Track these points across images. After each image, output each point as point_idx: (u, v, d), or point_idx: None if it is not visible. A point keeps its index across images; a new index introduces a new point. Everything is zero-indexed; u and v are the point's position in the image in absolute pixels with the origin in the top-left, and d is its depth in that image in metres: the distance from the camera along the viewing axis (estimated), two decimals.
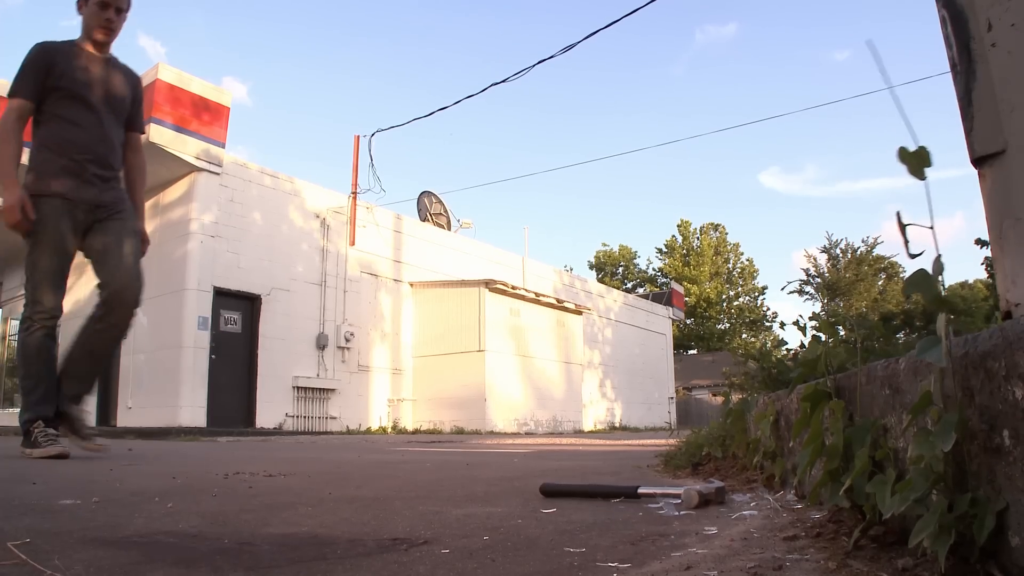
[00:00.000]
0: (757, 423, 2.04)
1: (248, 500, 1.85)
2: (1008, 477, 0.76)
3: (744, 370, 2.81)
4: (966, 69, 1.06)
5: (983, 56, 1.02)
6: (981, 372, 0.80)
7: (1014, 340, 0.73)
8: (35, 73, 3.54)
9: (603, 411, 21.94)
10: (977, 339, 0.80)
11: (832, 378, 1.33)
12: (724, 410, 2.59)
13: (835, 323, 1.76)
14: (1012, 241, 0.93)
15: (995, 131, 1.00)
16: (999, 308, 0.95)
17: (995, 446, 0.78)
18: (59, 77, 3.53)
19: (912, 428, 0.97)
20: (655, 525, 1.37)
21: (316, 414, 15.22)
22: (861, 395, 1.19)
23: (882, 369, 1.11)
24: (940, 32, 1.20)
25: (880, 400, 1.13)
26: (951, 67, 1.13)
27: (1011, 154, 0.97)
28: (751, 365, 2.78)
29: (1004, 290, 0.92)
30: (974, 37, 1.04)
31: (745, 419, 2.35)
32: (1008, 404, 0.75)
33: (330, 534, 1.31)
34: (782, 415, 1.87)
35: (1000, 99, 0.99)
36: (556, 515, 1.55)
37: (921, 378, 0.95)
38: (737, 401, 2.57)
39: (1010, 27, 1.00)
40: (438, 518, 1.54)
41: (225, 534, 1.31)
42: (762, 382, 2.40)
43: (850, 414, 1.22)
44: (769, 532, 1.21)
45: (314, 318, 14.94)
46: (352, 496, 2.04)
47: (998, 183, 0.98)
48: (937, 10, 1.19)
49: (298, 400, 14.83)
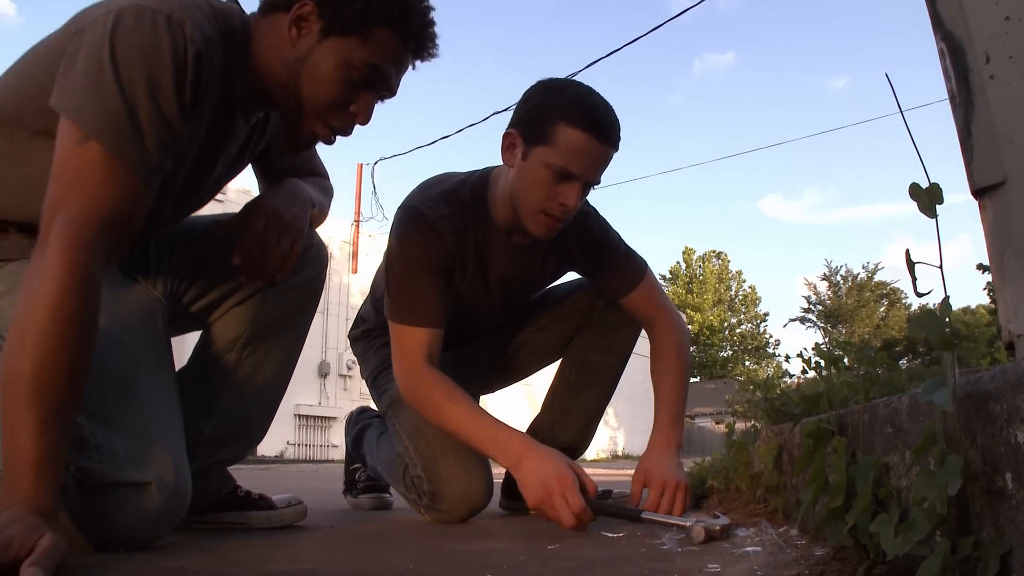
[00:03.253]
0: (760, 456, 2.02)
1: (250, 533, 1.83)
2: (1011, 520, 0.76)
3: (747, 398, 2.79)
4: (965, 101, 1.06)
5: (981, 88, 1.03)
6: (983, 414, 0.79)
7: (1015, 384, 0.73)
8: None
9: (606, 440, 21.86)
10: (979, 380, 0.80)
11: (835, 414, 1.33)
12: (727, 442, 2.57)
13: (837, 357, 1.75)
14: (1013, 272, 0.93)
15: (995, 162, 1.00)
16: (1001, 338, 0.94)
17: (998, 489, 0.78)
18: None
19: (915, 468, 0.96)
20: (658, 562, 1.35)
21: (318, 442, 15.19)
22: (863, 432, 1.18)
23: (884, 407, 1.10)
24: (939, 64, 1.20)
25: (882, 438, 1.12)
26: (950, 99, 1.13)
27: (1011, 185, 0.97)
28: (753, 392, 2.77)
29: (1006, 321, 0.92)
30: (972, 69, 1.05)
31: (748, 451, 2.33)
32: (1010, 447, 0.75)
33: (333, 572, 1.29)
34: (785, 449, 1.85)
35: (999, 131, 1.00)
36: (559, 551, 1.54)
37: (923, 417, 0.94)
38: (740, 433, 2.55)
39: (1008, 59, 1.01)
40: (441, 554, 1.52)
41: (225, 572, 1.29)
42: (765, 412, 2.38)
43: (852, 451, 1.21)
44: (773, 570, 1.20)
45: (316, 346, 14.96)
46: (354, 531, 2.02)
47: (998, 214, 0.98)
48: (936, 43, 1.20)
49: (299, 428, 14.81)
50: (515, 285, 2.31)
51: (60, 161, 1.23)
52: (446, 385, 2.01)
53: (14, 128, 1.41)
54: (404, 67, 1.55)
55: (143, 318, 1.68)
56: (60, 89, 1.27)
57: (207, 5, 1.39)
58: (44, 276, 1.17)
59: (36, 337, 1.15)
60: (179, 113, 1.30)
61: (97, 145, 1.22)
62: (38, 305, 1.16)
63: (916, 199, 0.89)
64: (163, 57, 1.26)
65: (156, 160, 1.29)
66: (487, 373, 2.61)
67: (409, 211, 2.08)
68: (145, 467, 1.37)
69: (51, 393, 1.14)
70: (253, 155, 1.78)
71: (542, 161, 1.91)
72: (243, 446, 1.98)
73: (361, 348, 2.65)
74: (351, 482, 2.81)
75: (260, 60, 1.49)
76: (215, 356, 1.89)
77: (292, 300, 1.93)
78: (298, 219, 1.71)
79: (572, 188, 1.91)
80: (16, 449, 1.12)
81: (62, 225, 1.19)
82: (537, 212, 1.96)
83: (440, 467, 2.08)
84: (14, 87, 1.42)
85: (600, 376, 2.50)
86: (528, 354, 2.60)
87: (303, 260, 1.86)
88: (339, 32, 1.43)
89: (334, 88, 1.46)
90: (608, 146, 1.94)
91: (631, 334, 2.45)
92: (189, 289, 1.84)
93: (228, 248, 1.67)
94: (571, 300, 2.50)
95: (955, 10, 1.08)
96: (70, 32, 1.32)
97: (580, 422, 2.51)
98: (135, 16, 1.26)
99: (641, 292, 2.28)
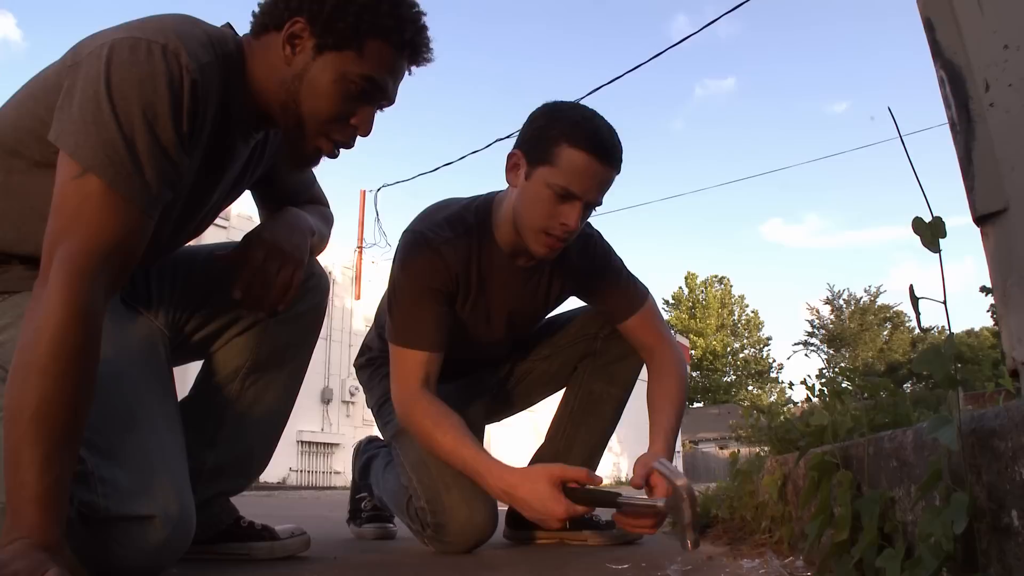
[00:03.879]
0: (765, 487, 2.00)
1: (253, 564, 1.83)
2: (1018, 558, 0.75)
3: (750, 422, 2.77)
4: (965, 129, 1.06)
5: (982, 116, 1.03)
6: (988, 451, 0.78)
7: (1020, 421, 0.72)
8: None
9: (609, 465, 21.75)
10: (983, 417, 0.79)
11: (839, 447, 1.31)
12: (731, 470, 2.55)
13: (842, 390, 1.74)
14: (1016, 299, 0.93)
15: (996, 190, 0.99)
16: (1005, 364, 0.93)
17: (1004, 526, 0.77)
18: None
19: (921, 503, 0.95)
20: None
21: (320, 469, 15.13)
22: (868, 465, 1.17)
23: (889, 441, 1.09)
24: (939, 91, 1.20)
25: (888, 471, 1.11)
26: (951, 127, 1.13)
27: (1013, 213, 0.97)
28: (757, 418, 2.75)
29: (1010, 348, 0.91)
30: (972, 97, 1.05)
31: (753, 481, 2.31)
32: (1016, 484, 0.74)
33: None
34: (789, 479, 1.84)
35: (1000, 158, 0.99)
36: None
37: (928, 452, 0.93)
38: (744, 462, 2.53)
39: (1007, 87, 1.01)
40: None
41: None
42: (769, 441, 2.36)
43: (858, 484, 1.19)
44: None
45: (319, 372, 14.93)
46: (358, 562, 2.01)
47: (1001, 242, 0.97)
48: (935, 71, 1.20)
49: (302, 455, 14.75)
50: (518, 311, 2.30)
51: (59, 195, 1.24)
52: (436, 411, 2.03)
53: (13, 159, 1.41)
54: (401, 75, 1.55)
55: (145, 349, 1.67)
56: (58, 123, 1.27)
57: (202, 33, 1.40)
58: (45, 310, 1.17)
59: (38, 372, 1.15)
60: (177, 143, 1.30)
61: (96, 179, 1.22)
62: (39, 340, 1.16)
63: (919, 233, 0.88)
64: (159, 88, 1.26)
65: (155, 191, 1.29)
66: (491, 403, 2.60)
67: (414, 235, 2.10)
68: (149, 500, 1.36)
69: (54, 428, 1.14)
70: (252, 179, 1.78)
71: (544, 181, 1.93)
72: (246, 476, 1.97)
73: (366, 376, 2.64)
74: (356, 511, 2.79)
75: (257, 81, 1.50)
76: (217, 386, 1.88)
77: (294, 329, 1.93)
78: (298, 249, 1.70)
79: (573, 208, 1.93)
80: (20, 484, 1.11)
81: (62, 259, 1.19)
82: (539, 232, 1.98)
83: (444, 499, 2.07)
84: (12, 119, 1.42)
85: (604, 406, 2.48)
86: (532, 383, 2.59)
87: (304, 289, 1.85)
88: (333, 47, 1.43)
89: (333, 103, 1.46)
90: (609, 167, 1.95)
91: (635, 364, 2.44)
92: (190, 319, 1.83)
93: (229, 278, 1.66)
94: (574, 329, 2.49)
95: (954, 38, 1.09)
96: (67, 65, 1.32)
97: (584, 453, 2.49)
98: (130, 47, 1.26)
99: (641, 318, 2.28)
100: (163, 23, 1.34)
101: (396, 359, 2.10)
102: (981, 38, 1.03)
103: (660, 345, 2.30)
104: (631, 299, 2.29)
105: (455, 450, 1.98)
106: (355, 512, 2.79)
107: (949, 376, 0.80)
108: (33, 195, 1.37)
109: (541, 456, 2.51)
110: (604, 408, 2.48)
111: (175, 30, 1.32)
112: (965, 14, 1.08)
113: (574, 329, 2.49)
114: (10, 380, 1.17)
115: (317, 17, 1.41)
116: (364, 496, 2.75)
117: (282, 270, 1.66)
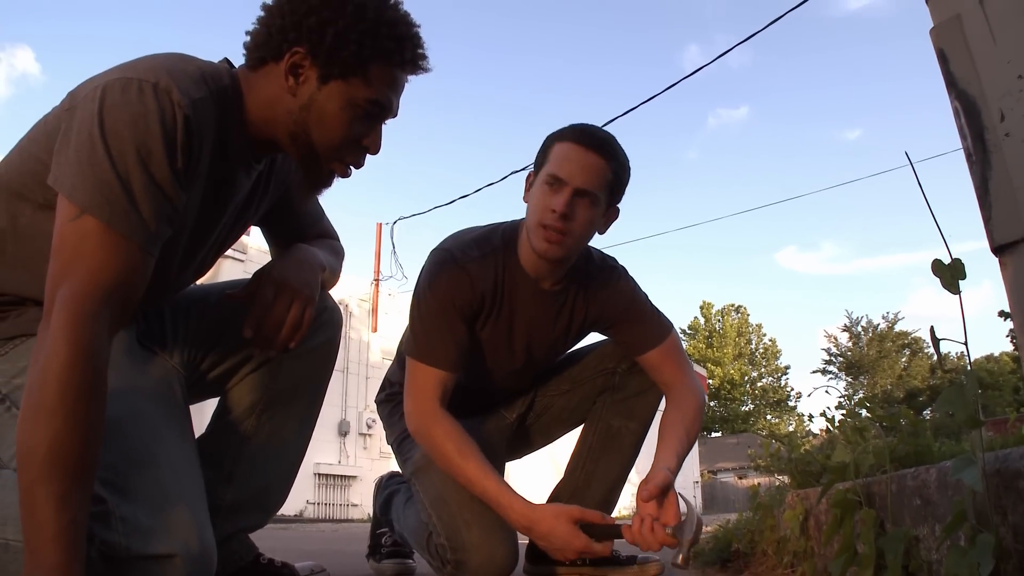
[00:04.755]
0: (786, 521, 1.97)
1: None
2: None
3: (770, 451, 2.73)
4: (981, 159, 1.05)
5: (997, 146, 1.02)
6: (1013, 492, 0.77)
7: None
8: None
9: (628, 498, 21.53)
10: (1008, 457, 0.78)
11: (862, 483, 1.29)
12: (752, 503, 2.52)
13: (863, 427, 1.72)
14: None
15: (1013, 220, 0.99)
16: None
17: None
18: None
19: (946, 542, 0.93)
20: None
21: (337, 501, 15.07)
22: (892, 503, 1.15)
23: (912, 478, 1.08)
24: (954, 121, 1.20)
25: (911, 509, 1.09)
26: (967, 157, 1.13)
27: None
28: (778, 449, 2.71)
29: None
30: (987, 127, 1.04)
31: (774, 515, 2.28)
32: None
33: None
34: (811, 514, 1.81)
35: (1017, 188, 0.99)
36: None
37: (952, 491, 0.92)
38: (765, 495, 2.49)
39: (1022, 117, 1.00)
40: None
41: None
42: (789, 473, 2.33)
43: (881, 521, 1.17)
44: None
45: (336, 404, 14.93)
46: None
47: (1019, 271, 0.97)
48: (950, 102, 1.19)
49: (319, 487, 14.70)
50: (539, 337, 2.29)
51: (59, 237, 1.25)
52: (459, 436, 2.03)
53: (20, 203, 1.43)
54: (403, 88, 1.57)
55: (162, 388, 1.67)
56: (56, 166, 1.28)
57: (195, 69, 1.41)
58: (49, 352, 1.17)
59: (47, 413, 1.15)
60: (173, 179, 1.31)
61: (93, 219, 1.23)
62: (46, 381, 1.16)
63: (939, 275, 0.87)
64: (152, 125, 1.27)
65: (153, 228, 1.30)
66: (512, 439, 2.58)
67: (440, 254, 2.14)
68: (170, 539, 1.35)
69: (67, 467, 1.14)
70: (259, 212, 1.78)
71: (540, 180, 2.03)
72: (264, 512, 1.96)
73: (387, 412, 2.64)
74: (376, 546, 2.77)
75: (258, 112, 1.51)
76: (233, 423, 1.87)
77: (308, 364, 1.92)
78: (307, 286, 1.70)
79: (561, 194, 1.97)
80: (38, 524, 1.11)
81: (64, 300, 1.20)
82: (537, 227, 2.01)
83: (464, 535, 2.05)
84: (17, 163, 1.45)
85: (622, 442, 2.46)
86: (552, 419, 2.57)
87: (317, 324, 1.85)
88: (339, 76, 1.45)
89: (344, 129, 1.48)
90: (590, 150, 2.00)
91: (654, 399, 2.42)
92: (205, 357, 1.83)
93: (240, 316, 1.66)
94: (592, 363, 2.48)
95: (968, 70, 1.08)
96: (64, 109, 1.34)
97: (603, 489, 2.46)
98: (122, 88, 1.28)
99: (662, 352, 2.26)
100: (155, 62, 1.36)
101: (413, 373, 2.11)
102: (995, 68, 1.03)
103: (679, 380, 2.28)
104: (653, 332, 2.28)
105: (479, 480, 1.99)
106: (375, 547, 2.77)
107: (972, 416, 0.79)
108: (40, 237, 1.38)
109: (560, 491, 2.49)
110: (623, 443, 2.46)
111: (166, 68, 1.34)
112: (978, 45, 1.07)
113: (592, 363, 2.48)
114: (20, 422, 1.17)
115: (319, 48, 1.42)
116: (385, 531, 2.73)
117: (292, 308, 1.66)
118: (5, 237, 1.47)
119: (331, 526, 10.96)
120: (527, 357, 2.30)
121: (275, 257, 1.83)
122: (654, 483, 1.87)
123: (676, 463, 2.06)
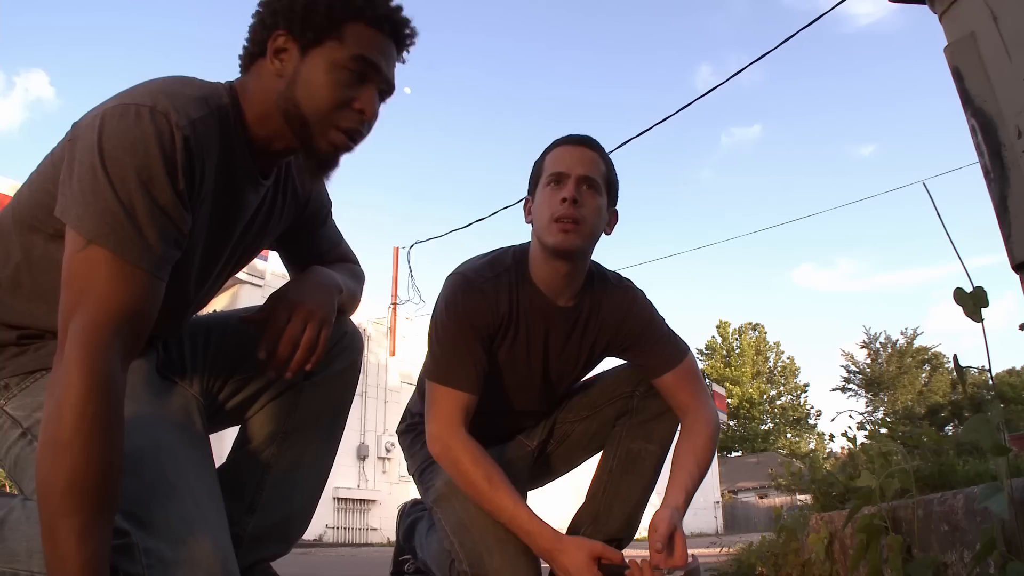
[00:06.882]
0: (811, 545, 1.95)
1: None
2: None
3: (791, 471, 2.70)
4: (999, 176, 1.05)
5: (1015, 163, 1.01)
6: None
7: None
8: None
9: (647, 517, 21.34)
10: None
11: (888, 507, 1.27)
12: (776, 525, 2.49)
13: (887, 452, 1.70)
14: None
15: None
16: None
17: None
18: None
19: (976, 570, 0.91)
20: None
21: (357, 525, 15.03)
22: (919, 529, 1.13)
23: (939, 504, 1.06)
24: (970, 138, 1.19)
25: (939, 535, 1.07)
26: (984, 174, 1.12)
27: None
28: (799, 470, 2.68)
29: None
30: (1005, 145, 1.04)
31: (798, 537, 2.25)
32: None
33: None
34: (836, 538, 1.79)
35: None
36: None
37: (980, 518, 0.90)
38: (788, 518, 2.47)
39: None
40: None
41: None
42: (812, 494, 2.31)
43: (908, 546, 1.15)
44: None
45: (355, 428, 14.92)
46: None
47: None
48: (966, 119, 1.19)
49: (338, 511, 14.67)
50: (555, 358, 2.29)
51: (68, 269, 1.26)
52: (487, 463, 2.03)
53: (33, 235, 1.44)
54: (391, 56, 1.55)
55: (182, 418, 1.66)
56: (62, 198, 1.30)
57: (194, 89, 1.42)
58: (64, 384, 1.17)
59: (64, 446, 1.15)
60: (176, 200, 1.31)
61: (100, 249, 1.24)
62: (62, 414, 1.16)
63: (961, 304, 0.86)
64: (151, 149, 1.28)
65: (160, 251, 1.30)
66: (533, 467, 2.57)
67: (455, 278, 2.17)
68: (194, 571, 1.34)
69: (87, 499, 1.14)
70: (274, 232, 1.77)
71: (542, 185, 2.10)
72: (287, 540, 1.94)
73: (408, 441, 2.63)
74: (399, 573, 2.75)
75: (255, 111, 1.51)
76: (254, 451, 1.86)
77: (329, 391, 1.91)
78: (322, 307, 1.69)
79: (567, 185, 2.04)
80: (60, 558, 1.11)
81: (76, 331, 1.20)
82: (550, 223, 2.04)
83: (486, 562, 2.04)
84: (27, 196, 1.46)
85: (642, 465, 2.44)
86: (572, 446, 2.56)
87: (338, 349, 1.84)
88: (315, 42, 1.45)
89: (332, 92, 1.47)
90: (582, 146, 2.11)
91: (672, 421, 2.40)
92: (225, 386, 1.82)
93: (258, 340, 1.65)
94: (609, 388, 2.46)
95: (984, 87, 1.08)
96: (68, 139, 1.36)
97: (624, 512, 2.44)
98: (120, 114, 1.29)
99: (678, 375, 2.25)
100: (152, 86, 1.37)
101: (434, 397, 2.11)
102: (1011, 85, 1.02)
103: (694, 403, 2.27)
104: (670, 355, 2.27)
105: (509, 507, 1.99)
106: (398, 574, 2.75)
107: (997, 444, 0.77)
108: (55, 268, 1.37)
109: (581, 516, 2.47)
110: (643, 466, 2.44)
111: (164, 91, 1.35)
112: (994, 62, 1.07)
113: (609, 388, 2.47)
114: (38, 456, 1.17)
115: (293, 21, 1.44)
116: (408, 558, 2.72)
117: (308, 328, 1.65)
118: (21, 270, 1.47)
119: (351, 550, 10.91)
120: (544, 377, 2.30)
121: (293, 277, 1.83)
122: (661, 532, 1.90)
123: (684, 500, 2.08)
